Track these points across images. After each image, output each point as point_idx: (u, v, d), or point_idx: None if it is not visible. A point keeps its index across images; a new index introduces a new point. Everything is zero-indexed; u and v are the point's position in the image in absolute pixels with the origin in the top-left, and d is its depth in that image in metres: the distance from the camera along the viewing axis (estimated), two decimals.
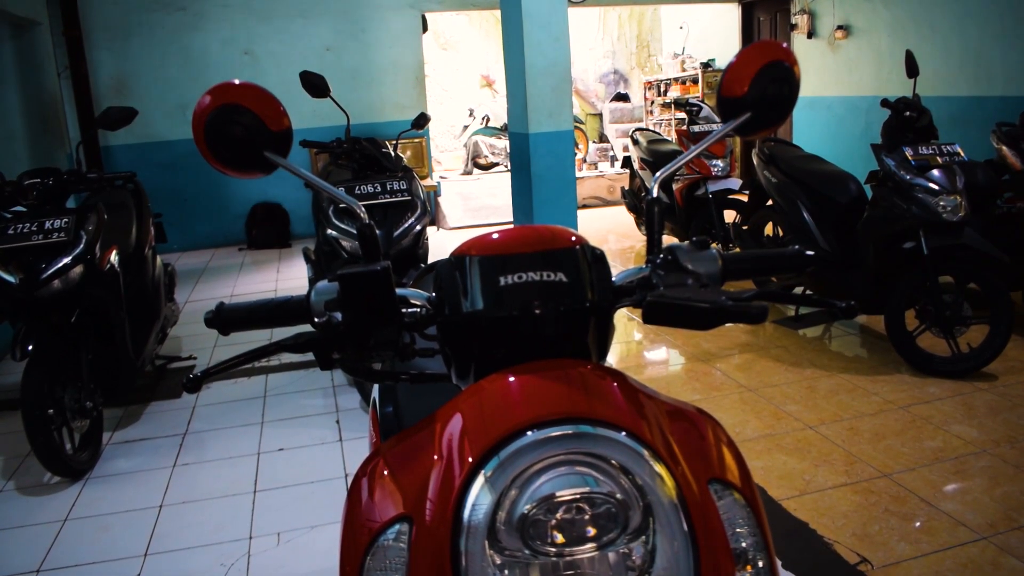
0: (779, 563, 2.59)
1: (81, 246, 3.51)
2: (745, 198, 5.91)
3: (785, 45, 1.34)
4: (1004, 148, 4.89)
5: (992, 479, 3.06)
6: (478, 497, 0.90)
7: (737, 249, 5.55)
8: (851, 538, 2.73)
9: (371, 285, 1.07)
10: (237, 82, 1.23)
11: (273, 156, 1.23)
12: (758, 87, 1.28)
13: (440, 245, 7.05)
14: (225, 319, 1.13)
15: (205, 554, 2.87)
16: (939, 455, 3.27)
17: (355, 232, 3.86)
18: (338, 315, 1.10)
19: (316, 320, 1.12)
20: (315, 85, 4.06)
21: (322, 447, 3.66)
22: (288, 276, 7.24)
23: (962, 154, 4.22)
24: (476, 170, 12.83)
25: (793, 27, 9.29)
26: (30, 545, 2.98)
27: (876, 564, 2.58)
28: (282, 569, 2.75)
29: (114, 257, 3.81)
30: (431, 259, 3.77)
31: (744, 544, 0.95)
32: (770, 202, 5.32)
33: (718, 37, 10.97)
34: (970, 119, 6.62)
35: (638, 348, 5.02)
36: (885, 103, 4.45)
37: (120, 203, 4.38)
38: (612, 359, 4.72)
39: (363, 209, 1.24)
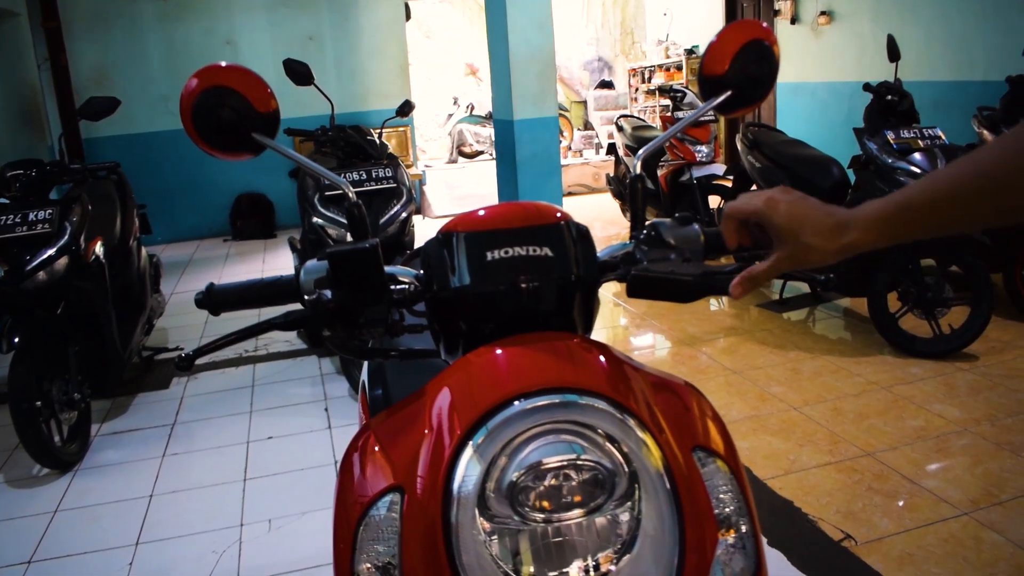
0: (764, 541, 2.63)
1: (66, 237, 3.50)
2: (729, 183, 5.95)
3: (765, 25, 1.36)
4: (985, 132, 4.93)
5: (973, 457, 3.11)
6: (468, 467, 0.92)
7: None
8: (835, 515, 2.77)
9: (360, 263, 1.08)
10: (224, 64, 1.24)
11: (261, 137, 1.24)
12: (738, 66, 1.30)
13: (425, 233, 7.01)
14: (216, 299, 1.14)
15: (196, 542, 2.88)
16: (921, 434, 3.32)
17: (340, 220, 3.87)
18: (327, 293, 1.11)
19: (306, 298, 1.13)
20: (299, 73, 4.05)
21: (311, 435, 3.67)
22: (274, 266, 7.23)
23: (943, 138, 4.26)
24: (461, 158, 12.82)
25: (776, 13, 9.31)
26: (21, 537, 2.99)
27: (859, 540, 2.62)
28: (274, 555, 2.77)
29: (99, 248, 3.80)
30: (417, 247, 3.78)
31: (727, 510, 0.98)
32: (754, 187, 5.36)
33: (702, 24, 10.99)
34: (952, 103, 6.67)
35: (624, 333, 5.05)
36: (867, 87, 4.48)
37: (104, 194, 4.37)
38: None
39: (351, 188, 1.26)
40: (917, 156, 4.11)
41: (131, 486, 3.33)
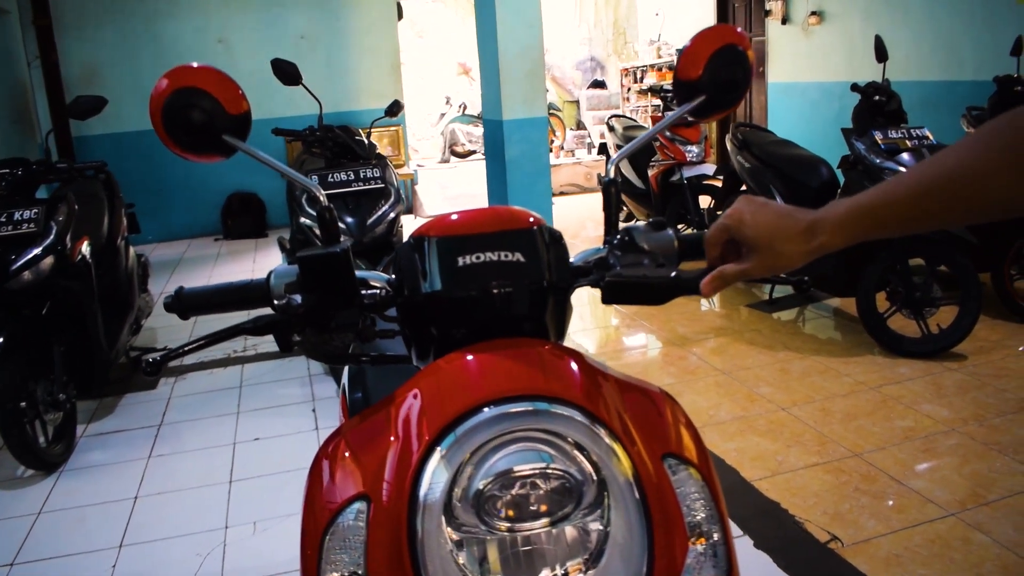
0: (751, 543, 2.63)
1: (51, 237, 3.48)
2: (719, 183, 5.95)
3: (740, 29, 1.35)
4: (974, 132, 4.94)
5: (961, 457, 3.11)
6: (434, 474, 0.91)
7: None
8: (822, 516, 2.77)
9: (330, 267, 1.07)
10: (195, 65, 1.23)
11: (232, 139, 1.23)
12: (711, 70, 1.29)
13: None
14: (185, 303, 1.13)
15: (181, 544, 2.87)
16: (909, 434, 3.32)
17: None
18: (298, 297, 1.10)
19: (276, 303, 1.12)
20: (287, 73, 4.03)
21: (298, 436, 3.66)
22: (265, 266, 7.20)
23: (931, 138, 4.26)
24: (453, 158, 12.78)
25: (767, 13, 9.32)
26: (4, 538, 2.96)
27: (846, 541, 2.62)
28: (258, 557, 2.76)
29: (85, 248, 3.77)
30: None
31: (698, 517, 0.97)
32: (744, 187, 5.36)
33: (693, 23, 10.98)
34: (941, 103, 6.68)
35: (615, 333, 5.05)
36: (855, 87, 4.49)
37: (91, 193, 4.35)
38: (589, 345, 4.75)
39: (322, 192, 1.25)
40: (905, 156, 4.11)
41: (116, 487, 3.31)
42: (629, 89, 12.47)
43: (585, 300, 5.34)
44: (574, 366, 1.03)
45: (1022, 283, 4.52)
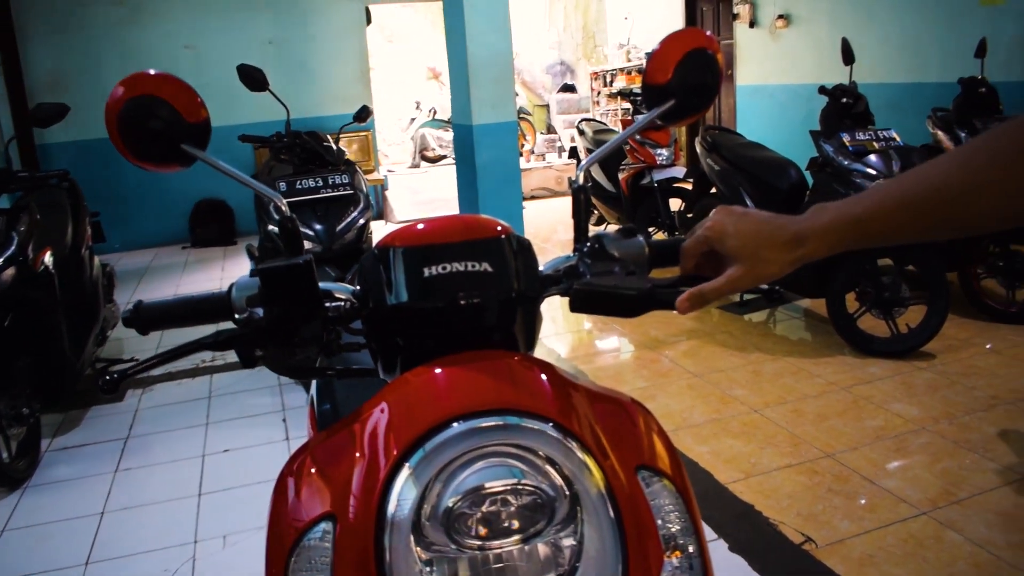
0: (726, 546, 2.63)
1: (13, 247, 3.41)
2: (690, 186, 5.97)
3: (708, 33, 1.34)
4: (939, 133, 5.00)
5: (932, 455, 3.13)
6: (402, 491, 0.88)
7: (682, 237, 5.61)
8: (796, 518, 2.77)
9: (292, 279, 1.04)
10: (152, 72, 1.20)
11: (191, 148, 1.20)
12: (681, 75, 1.28)
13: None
14: (144, 318, 1.09)
15: (149, 560, 2.81)
16: (880, 434, 3.33)
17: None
18: (259, 311, 1.07)
19: (237, 317, 1.09)
20: (253, 78, 3.98)
21: (269, 447, 3.61)
22: (234, 274, 7.12)
23: (898, 139, 4.30)
24: (424, 163, 12.75)
25: (735, 16, 9.38)
26: None
27: (820, 543, 2.62)
28: (228, 572, 2.71)
29: (48, 258, 3.70)
30: None
31: (673, 530, 0.95)
32: (714, 190, 5.38)
33: (662, 27, 11.02)
34: (907, 105, 6.75)
35: (587, 337, 5.04)
36: (822, 90, 4.52)
37: (54, 202, 4.27)
38: (561, 349, 4.73)
39: (284, 202, 1.22)
40: (872, 158, 4.14)
41: (82, 503, 3.24)
42: (599, 93, 12.51)
43: (557, 304, 5.33)
44: (544, 378, 1.01)
45: (989, 282, 4.57)
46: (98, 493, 3.31)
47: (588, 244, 1.17)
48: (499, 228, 1.11)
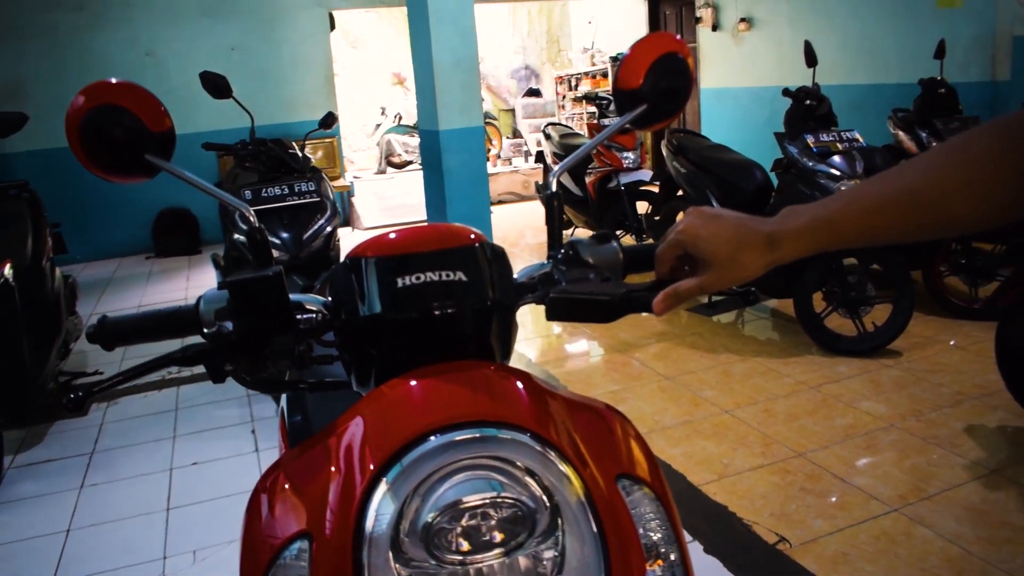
0: (700, 548, 2.63)
1: None
2: (656, 189, 6.00)
3: (679, 37, 1.34)
4: (900, 133, 5.07)
5: (901, 452, 3.17)
6: (380, 506, 0.86)
7: (650, 240, 5.62)
8: (769, 518, 2.78)
9: (262, 292, 1.02)
10: (114, 81, 1.17)
11: (155, 159, 1.17)
12: (653, 79, 1.27)
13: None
14: (109, 333, 1.06)
15: None
16: (850, 432, 3.37)
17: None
18: (229, 324, 1.05)
19: (206, 331, 1.07)
20: (216, 85, 3.93)
21: (238, 459, 3.56)
22: (199, 284, 7.03)
23: (861, 140, 4.36)
24: (390, 169, 12.69)
25: (698, 20, 9.46)
26: None
27: (794, 542, 2.64)
28: None
29: (8, 271, 3.63)
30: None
31: (655, 538, 0.94)
32: (680, 192, 5.41)
33: (626, 31, 11.10)
34: (868, 106, 6.85)
35: (557, 342, 5.04)
36: (786, 92, 4.56)
37: (13, 213, 4.18)
38: (531, 354, 4.73)
39: (252, 212, 1.20)
40: (836, 159, 4.19)
41: (47, 521, 3.17)
42: (564, 97, 12.55)
43: (525, 309, 5.32)
44: (521, 387, 0.99)
45: (952, 279, 4.64)
46: (63, 510, 3.23)
47: (562, 251, 1.16)
48: (472, 236, 1.10)
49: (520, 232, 8.01)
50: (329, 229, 3.96)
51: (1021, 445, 3.18)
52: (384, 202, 10.02)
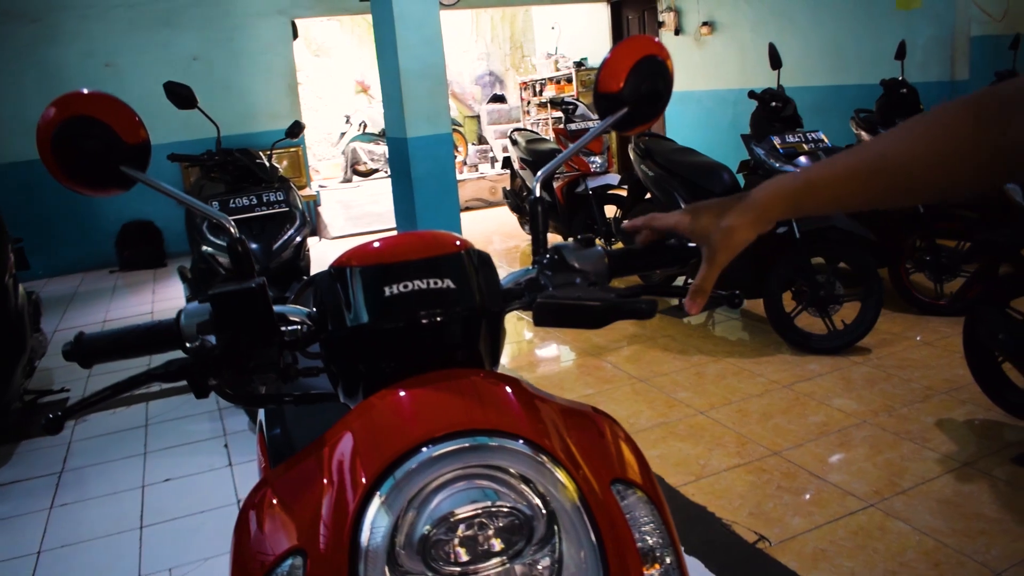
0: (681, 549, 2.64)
1: None
2: (625, 192, 6.02)
3: (658, 40, 1.34)
4: (863, 133, 5.15)
5: (874, 447, 3.20)
6: (375, 520, 0.85)
7: (619, 244, 5.64)
8: (748, 517, 2.80)
9: (246, 304, 1.00)
10: (86, 91, 1.14)
11: (130, 170, 1.15)
12: (633, 82, 1.27)
13: (322, 255, 6.89)
14: (86, 350, 1.03)
15: None
16: (823, 429, 3.40)
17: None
18: (212, 338, 1.03)
19: (188, 345, 1.04)
20: (181, 96, 3.87)
21: (211, 474, 3.50)
22: (165, 297, 6.94)
23: (826, 140, 4.42)
24: (356, 177, 12.63)
25: (661, 24, 9.53)
26: None
27: (773, 540, 2.65)
28: None
29: None
30: (313, 270, 3.67)
31: (651, 542, 0.94)
32: (649, 195, 5.43)
33: (589, 36, 11.16)
34: (831, 107, 6.94)
35: (529, 347, 5.04)
36: (752, 94, 4.61)
37: None
38: (504, 360, 4.72)
39: (233, 223, 1.18)
40: (802, 159, 4.24)
41: (16, 543, 3.09)
42: (529, 102, 12.57)
43: None
44: (511, 394, 0.99)
45: (918, 276, 4.71)
46: (33, 531, 3.16)
47: (548, 256, 1.15)
48: (458, 243, 1.09)
49: (488, 238, 8.00)
50: (299, 239, 3.93)
51: (990, 437, 3.23)
52: (351, 211, 9.97)
